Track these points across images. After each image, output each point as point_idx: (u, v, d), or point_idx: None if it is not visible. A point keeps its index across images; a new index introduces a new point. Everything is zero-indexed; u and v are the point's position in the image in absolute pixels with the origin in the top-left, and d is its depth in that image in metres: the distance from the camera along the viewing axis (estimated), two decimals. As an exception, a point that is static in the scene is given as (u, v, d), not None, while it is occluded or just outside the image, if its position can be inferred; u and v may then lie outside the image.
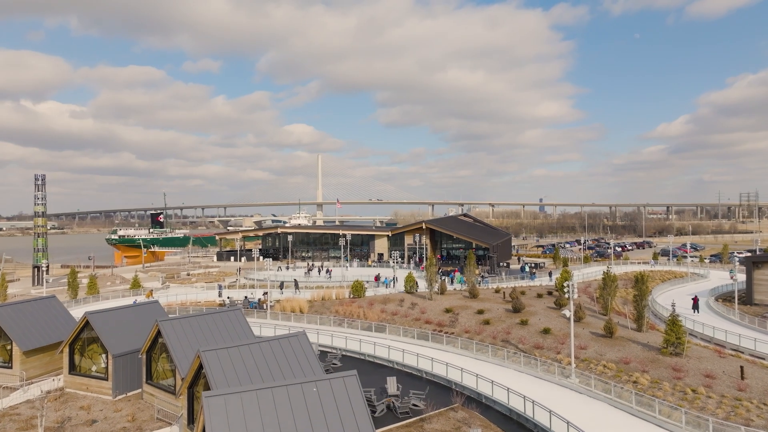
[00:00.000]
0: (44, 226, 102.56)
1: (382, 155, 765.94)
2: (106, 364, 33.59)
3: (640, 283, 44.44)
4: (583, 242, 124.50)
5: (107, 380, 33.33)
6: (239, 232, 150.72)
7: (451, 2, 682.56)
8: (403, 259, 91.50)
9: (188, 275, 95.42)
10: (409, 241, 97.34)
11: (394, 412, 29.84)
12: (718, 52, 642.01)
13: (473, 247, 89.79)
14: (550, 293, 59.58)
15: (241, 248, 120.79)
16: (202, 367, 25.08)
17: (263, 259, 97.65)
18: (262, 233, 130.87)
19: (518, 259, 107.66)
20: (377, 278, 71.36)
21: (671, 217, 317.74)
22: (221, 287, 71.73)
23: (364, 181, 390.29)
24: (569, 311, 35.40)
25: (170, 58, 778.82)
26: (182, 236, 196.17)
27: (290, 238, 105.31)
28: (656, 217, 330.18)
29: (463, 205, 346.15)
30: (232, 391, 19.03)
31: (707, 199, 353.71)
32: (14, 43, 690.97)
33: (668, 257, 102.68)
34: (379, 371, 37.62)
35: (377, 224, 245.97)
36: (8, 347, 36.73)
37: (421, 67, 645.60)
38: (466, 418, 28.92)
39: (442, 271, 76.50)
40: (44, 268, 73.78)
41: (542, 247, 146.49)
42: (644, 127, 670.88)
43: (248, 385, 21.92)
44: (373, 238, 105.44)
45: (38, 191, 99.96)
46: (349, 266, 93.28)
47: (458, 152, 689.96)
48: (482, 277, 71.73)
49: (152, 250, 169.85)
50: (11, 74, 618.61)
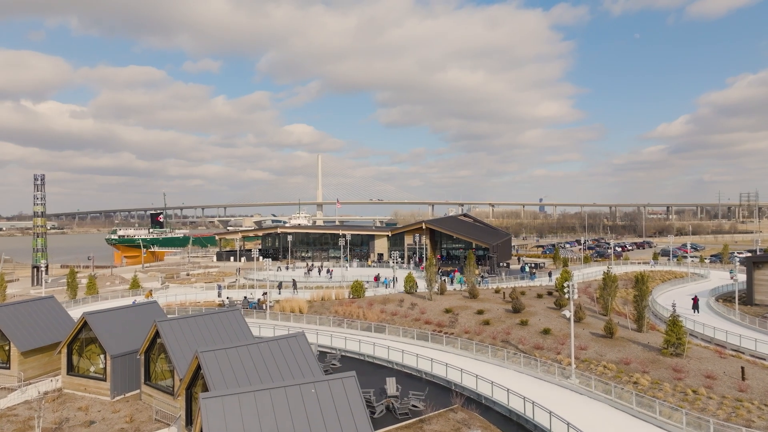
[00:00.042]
0: (44, 226, 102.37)
1: (382, 155, 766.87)
2: (104, 364, 33.45)
3: (640, 283, 44.31)
4: (583, 242, 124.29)
5: (105, 381, 33.19)
6: (239, 232, 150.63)
7: (451, 2, 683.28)
8: (402, 259, 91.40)
9: (188, 275, 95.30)
10: (409, 241, 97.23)
11: (393, 413, 29.73)
12: (718, 52, 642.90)
13: (473, 247, 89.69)
14: (550, 293, 59.46)
15: (240, 248, 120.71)
16: (200, 367, 24.95)
17: (263, 259, 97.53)
18: (261, 233, 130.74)
19: (518, 259, 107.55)
20: (377, 278, 71.25)
21: (671, 217, 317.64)
22: (221, 287, 71.64)
23: (364, 181, 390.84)
24: (569, 312, 35.27)
25: (170, 58, 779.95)
26: (182, 236, 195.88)
27: (290, 238, 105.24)
28: (656, 217, 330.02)
29: (463, 205, 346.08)
30: (229, 392, 18.90)
31: (707, 199, 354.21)
32: (14, 43, 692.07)
33: (668, 257, 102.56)
34: (378, 372, 37.49)
35: (377, 224, 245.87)
36: (6, 348, 36.62)
37: (421, 67, 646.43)
38: (465, 419, 28.79)
39: (441, 271, 76.37)
40: (43, 268, 73.58)
41: (542, 247, 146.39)
42: (644, 127, 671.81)
43: (246, 386, 21.79)
44: (372, 238, 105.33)
45: (38, 191, 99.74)
46: (348, 266, 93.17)
47: (458, 152, 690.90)
48: (482, 277, 71.59)
49: (152, 250, 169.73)
50: (11, 74, 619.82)
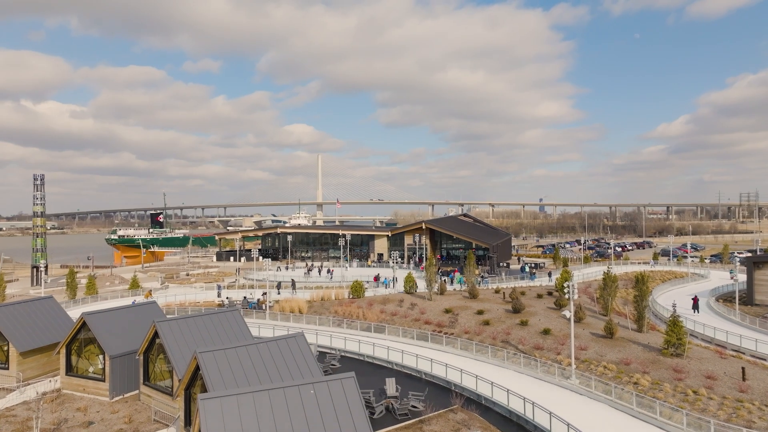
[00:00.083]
0: (43, 226, 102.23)
1: (382, 155, 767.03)
2: (103, 365, 33.35)
3: (640, 283, 44.20)
4: (583, 242, 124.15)
5: (104, 381, 33.07)
6: (239, 232, 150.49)
7: (451, 2, 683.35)
8: (402, 259, 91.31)
9: (187, 275, 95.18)
10: (408, 241, 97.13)
11: (393, 413, 29.63)
12: (718, 52, 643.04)
13: (473, 247, 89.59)
14: (550, 293, 59.37)
15: (240, 248, 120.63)
16: (199, 368, 24.86)
17: (262, 259, 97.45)
18: (261, 233, 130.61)
19: (518, 259, 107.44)
20: (377, 278, 71.16)
21: (671, 217, 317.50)
22: (220, 287, 71.57)
23: (364, 181, 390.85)
24: (569, 312, 35.17)
25: (170, 58, 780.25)
26: (182, 236, 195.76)
27: (290, 238, 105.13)
28: (656, 217, 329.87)
29: (463, 205, 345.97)
30: (228, 393, 18.81)
31: (707, 199, 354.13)
32: (15, 43, 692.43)
33: (668, 257, 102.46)
34: (378, 372, 37.39)
35: (377, 224, 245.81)
36: (5, 348, 36.52)
37: (421, 67, 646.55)
38: (465, 419, 28.69)
39: (441, 271, 76.27)
40: (42, 268, 73.47)
41: (542, 247, 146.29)
42: (644, 127, 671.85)
43: (245, 387, 21.70)
44: (372, 238, 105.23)
45: (37, 191, 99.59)
46: (348, 266, 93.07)
47: (458, 152, 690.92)
48: (482, 277, 71.47)
49: (152, 250, 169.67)
50: (11, 74, 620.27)
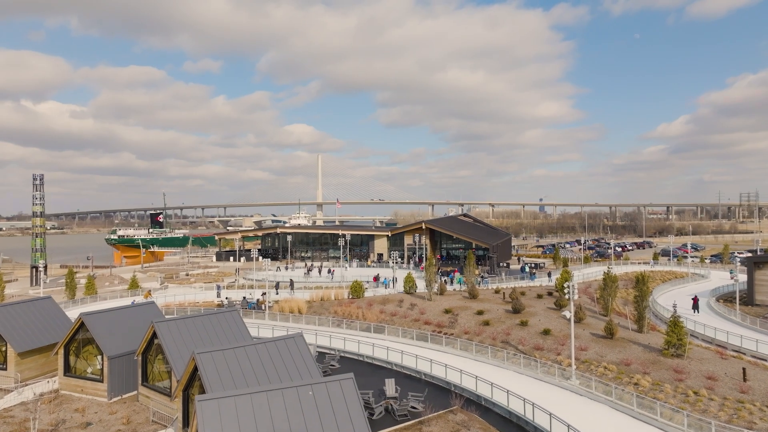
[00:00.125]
0: (43, 226, 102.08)
1: (382, 155, 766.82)
2: (101, 365, 33.20)
3: (641, 283, 44.07)
4: (583, 242, 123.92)
5: (102, 382, 32.92)
6: (238, 232, 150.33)
7: (451, 2, 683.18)
8: (402, 259, 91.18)
9: (187, 275, 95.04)
10: (408, 241, 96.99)
11: (392, 414, 29.50)
12: (718, 52, 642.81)
13: (473, 247, 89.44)
14: (550, 294, 59.24)
15: (240, 248, 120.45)
16: (197, 369, 24.72)
17: (262, 259, 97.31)
18: (261, 233, 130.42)
19: (518, 259, 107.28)
20: (376, 279, 71.02)
21: (671, 217, 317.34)
22: (220, 288, 71.44)
23: (364, 181, 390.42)
24: (569, 312, 35.03)
25: (170, 58, 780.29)
26: (181, 236, 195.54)
27: (289, 238, 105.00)
28: (656, 217, 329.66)
29: (463, 205, 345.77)
30: (225, 394, 18.67)
31: (707, 199, 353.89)
32: (15, 43, 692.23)
33: (669, 257, 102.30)
34: (377, 373, 37.26)
35: (377, 224, 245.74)
36: (3, 348, 36.38)
37: (421, 67, 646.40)
38: (465, 420, 28.56)
39: (441, 271, 76.12)
40: (42, 268, 73.33)
41: (542, 247, 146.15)
42: (644, 127, 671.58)
43: (243, 388, 21.56)
44: (372, 238, 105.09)
45: (36, 191, 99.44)
46: (348, 266, 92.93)
47: (458, 152, 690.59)
48: (482, 277, 71.33)
49: (151, 250, 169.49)
50: (12, 74, 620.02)
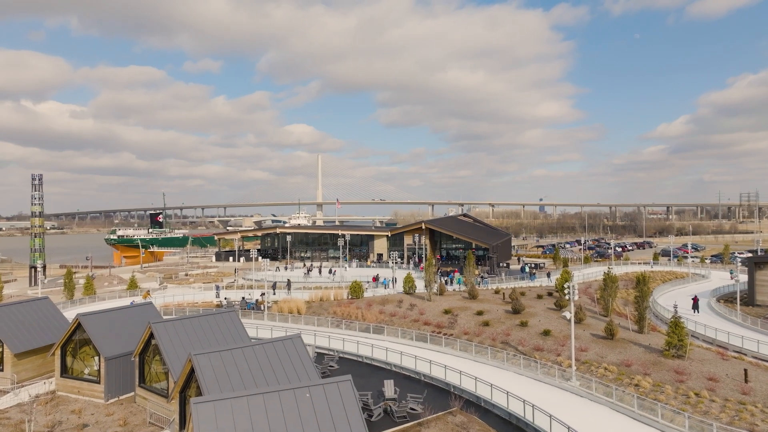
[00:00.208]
0: (42, 226, 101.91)
1: (382, 155, 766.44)
2: (98, 366, 32.98)
3: (641, 284, 43.86)
4: (583, 242, 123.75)
5: (99, 383, 32.70)
6: (238, 232, 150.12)
7: (451, 2, 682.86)
8: (402, 259, 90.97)
9: (186, 276, 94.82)
10: (408, 241, 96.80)
11: (391, 416, 29.28)
12: (718, 52, 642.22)
13: (473, 247, 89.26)
14: (550, 294, 59.04)
15: (239, 248, 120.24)
16: (194, 370, 24.51)
17: (261, 259, 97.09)
18: (261, 233, 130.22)
19: (518, 259, 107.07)
20: (376, 279, 70.80)
21: (671, 217, 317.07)
22: (219, 288, 71.26)
23: (364, 181, 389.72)
24: (570, 313, 34.81)
25: (170, 58, 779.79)
26: (181, 236, 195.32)
27: (289, 238, 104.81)
28: (656, 217, 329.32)
29: (463, 205, 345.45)
30: (222, 397, 18.45)
31: (707, 199, 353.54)
32: (15, 43, 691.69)
33: (669, 257, 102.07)
34: (376, 374, 37.06)
35: (377, 224, 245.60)
36: None
37: (421, 67, 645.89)
38: (464, 422, 28.34)
39: (441, 271, 75.89)
40: (40, 268, 73.11)
41: (542, 247, 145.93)
42: (644, 127, 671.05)
43: (240, 390, 21.37)
44: (372, 238, 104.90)
45: (35, 191, 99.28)
46: (347, 267, 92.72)
47: (458, 152, 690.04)
48: (482, 277, 71.13)
49: (151, 250, 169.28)
50: (12, 74, 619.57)
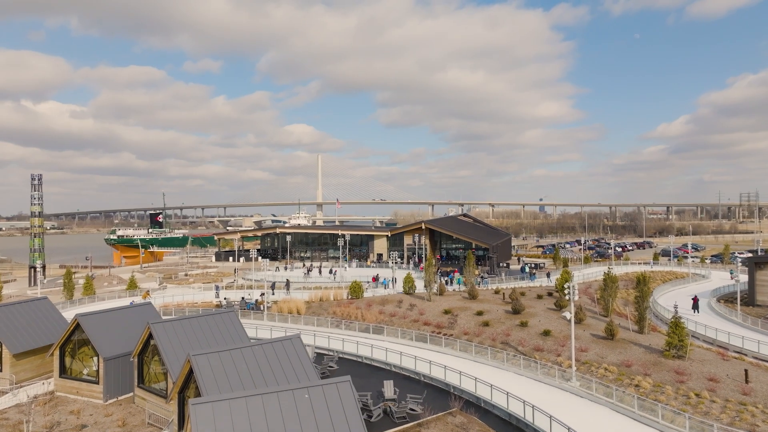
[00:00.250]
0: (41, 226, 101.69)
1: (382, 155, 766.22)
2: (97, 367, 32.89)
3: (641, 284, 43.76)
4: (583, 242, 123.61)
5: (98, 384, 32.61)
6: (238, 232, 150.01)
7: (451, 2, 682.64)
8: (402, 259, 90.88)
9: (186, 276, 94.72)
10: (408, 241, 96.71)
11: (390, 416, 29.18)
12: (718, 52, 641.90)
13: (473, 247, 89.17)
14: (550, 294, 58.95)
15: (239, 248, 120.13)
16: (192, 371, 24.42)
17: (261, 259, 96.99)
18: (260, 233, 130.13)
19: (518, 259, 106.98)
20: (375, 279, 70.70)
21: (671, 217, 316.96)
22: (218, 288, 71.16)
23: (364, 181, 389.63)
24: (570, 313, 34.73)
25: (171, 58, 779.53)
26: (181, 236, 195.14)
27: (289, 238, 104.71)
28: (656, 217, 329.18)
29: (463, 205, 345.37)
30: (220, 398, 18.36)
31: (707, 199, 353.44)
32: (15, 43, 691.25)
33: (669, 257, 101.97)
34: (376, 374, 36.97)
35: (377, 224, 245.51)
36: (-2, 350, 36.10)
37: (421, 67, 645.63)
38: (464, 422, 28.25)
39: (441, 271, 75.79)
40: (39, 268, 72.97)
41: (542, 247, 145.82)
42: (644, 127, 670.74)
43: (239, 390, 21.28)
44: (372, 238, 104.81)
45: (35, 191, 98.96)
46: (347, 267, 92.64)
47: (458, 152, 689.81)
48: (482, 277, 71.04)
49: (151, 250, 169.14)
50: (12, 74, 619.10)
